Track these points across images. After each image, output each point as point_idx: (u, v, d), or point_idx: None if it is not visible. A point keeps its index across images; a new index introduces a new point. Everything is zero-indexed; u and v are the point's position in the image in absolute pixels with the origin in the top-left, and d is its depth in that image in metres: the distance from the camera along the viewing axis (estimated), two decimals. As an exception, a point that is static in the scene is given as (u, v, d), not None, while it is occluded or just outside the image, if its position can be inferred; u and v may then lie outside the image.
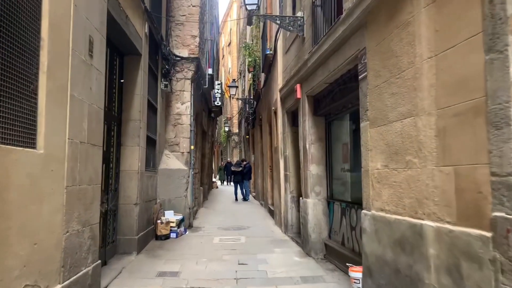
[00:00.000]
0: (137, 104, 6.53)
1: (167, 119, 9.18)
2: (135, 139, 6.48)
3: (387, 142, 3.61)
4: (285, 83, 7.89)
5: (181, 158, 9.13)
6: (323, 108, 6.23)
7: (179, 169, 8.87)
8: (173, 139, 9.18)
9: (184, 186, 8.92)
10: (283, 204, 8.35)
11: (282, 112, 8.48)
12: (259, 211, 12.12)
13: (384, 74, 3.65)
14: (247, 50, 13.98)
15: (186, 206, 8.97)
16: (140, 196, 6.61)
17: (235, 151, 29.47)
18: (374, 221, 3.84)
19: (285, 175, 8.32)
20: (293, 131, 8.14)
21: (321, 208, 6.36)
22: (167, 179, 8.61)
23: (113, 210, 6.14)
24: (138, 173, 6.47)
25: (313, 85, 6.09)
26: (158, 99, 8.34)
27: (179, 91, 9.26)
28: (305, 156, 6.54)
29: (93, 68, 4.25)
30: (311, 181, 6.38)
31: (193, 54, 9.38)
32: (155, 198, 8.16)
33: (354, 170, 5.58)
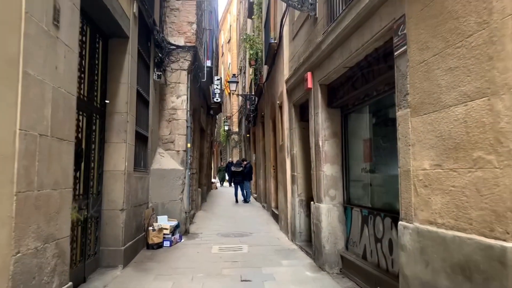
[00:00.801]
0: (124, 94, 5.65)
1: (161, 114, 8.30)
2: (121, 134, 5.60)
3: (440, 134, 2.73)
4: (293, 73, 7.02)
5: (177, 157, 8.26)
6: (339, 99, 5.35)
7: (174, 169, 8.00)
8: (168, 136, 8.30)
9: (179, 188, 8.05)
10: (290, 208, 7.47)
11: (289, 106, 7.61)
12: (261, 215, 11.24)
13: (435, 45, 2.78)
14: (248, 42, 13.11)
15: (182, 210, 8.10)
16: (127, 200, 5.73)
17: (235, 150, 28.59)
18: (418, 237, 2.97)
19: (292, 176, 7.44)
20: (301, 126, 7.27)
21: (337, 214, 5.49)
22: (160, 180, 7.73)
23: (95, 217, 5.27)
24: (125, 174, 5.59)
25: (328, 71, 5.22)
26: (150, 91, 7.46)
27: (174, 83, 8.39)
28: (318, 155, 5.67)
29: (59, 42, 3.38)
30: (324, 183, 5.51)
31: (190, 42, 8.50)
32: (147, 202, 7.28)
33: (380, 171, 4.71)
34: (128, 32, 5.69)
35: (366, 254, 4.78)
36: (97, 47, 5.29)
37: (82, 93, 4.73)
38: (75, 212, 4.57)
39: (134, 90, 6.01)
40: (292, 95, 7.39)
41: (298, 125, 7.28)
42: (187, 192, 8.39)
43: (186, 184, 8.34)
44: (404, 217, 3.23)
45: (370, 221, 4.69)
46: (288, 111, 7.68)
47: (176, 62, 8.38)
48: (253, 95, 15.12)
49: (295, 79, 6.89)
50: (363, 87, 4.59)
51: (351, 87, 4.94)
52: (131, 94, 5.78)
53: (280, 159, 8.63)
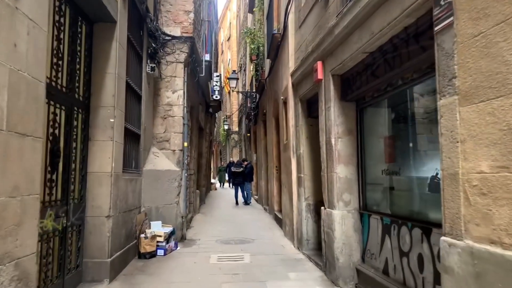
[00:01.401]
0: (110, 86, 5.00)
1: (156, 110, 7.65)
2: (107, 131, 4.95)
3: (508, 127, 2.09)
4: (299, 64, 6.37)
5: (172, 157, 7.61)
6: (354, 91, 4.70)
7: (169, 170, 7.35)
8: (163, 134, 7.65)
9: (175, 191, 7.40)
10: (296, 213, 6.82)
11: (295, 101, 6.96)
12: (263, 218, 10.59)
13: (500, 10, 2.14)
14: (249, 36, 12.46)
15: (178, 215, 7.45)
16: (115, 205, 5.08)
17: (235, 150, 27.93)
18: (473, 259, 2.32)
19: (298, 178, 6.79)
20: (308, 123, 6.63)
21: (352, 222, 4.84)
22: (154, 182, 7.08)
23: (77, 225, 4.62)
24: (112, 176, 4.94)
25: (342, 59, 4.57)
26: (143, 85, 6.81)
27: (170, 77, 7.74)
28: (330, 154, 5.03)
29: (20, 15, 2.72)
30: (338, 186, 4.86)
31: (187, 33, 7.86)
32: (139, 207, 6.63)
33: (405, 173, 4.06)
34: (116, 16, 5.03)
35: (388, 269, 4.13)
36: (80, 31, 4.63)
37: (59, 83, 4.08)
38: (50, 220, 3.93)
39: (122, 82, 5.35)
40: (298, 89, 6.73)
41: (305, 122, 6.63)
42: (184, 195, 7.74)
43: (182, 186, 7.69)
44: (449, 231, 2.58)
45: (393, 231, 4.04)
46: (293, 107, 7.03)
47: (172, 54, 7.73)
48: (254, 92, 14.47)
49: (302, 71, 6.24)
50: (386, 75, 3.94)
51: (370, 76, 4.29)
52: (118, 85, 5.13)
53: (284, 159, 7.99)
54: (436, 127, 2.71)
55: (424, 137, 3.85)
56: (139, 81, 6.71)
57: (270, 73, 10.20)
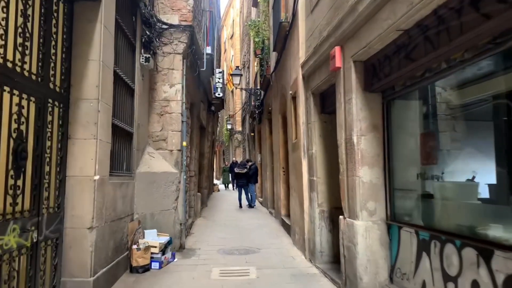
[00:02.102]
0: (93, 75, 4.28)
1: (151, 106, 6.93)
2: (89, 128, 4.22)
3: None
4: (312, 53, 5.63)
5: (170, 157, 6.88)
6: (382, 78, 3.95)
7: (166, 173, 6.62)
8: (159, 132, 6.93)
9: (173, 195, 6.67)
10: (308, 220, 6.08)
11: (306, 95, 6.21)
12: (269, 223, 9.85)
13: None
14: (254, 28, 11.73)
15: (176, 222, 6.72)
16: (100, 214, 4.36)
17: (238, 150, 27.19)
18: None
19: (310, 181, 6.05)
20: (322, 120, 5.88)
21: (377, 235, 4.09)
22: (149, 186, 6.35)
23: (52, 239, 3.90)
24: (95, 180, 4.21)
25: (368, 40, 3.83)
26: (136, 77, 6.09)
27: (167, 70, 7.01)
28: (350, 155, 4.28)
29: None
30: (361, 192, 4.12)
31: (186, 21, 7.13)
32: (131, 214, 5.90)
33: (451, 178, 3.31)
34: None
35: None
36: (56, 9, 3.91)
37: (27, 69, 3.37)
38: (13, 236, 3.22)
39: (109, 72, 4.62)
40: (310, 81, 5.99)
41: (318, 118, 5.89)
42: (183, 199, 7.01)
43: (181, 190, 6.97)
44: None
45: (434, 248, 3.29)
46: (304, 101, 6.28)
47: (169, 44, 7.00)
48: (258, 89, 13.73)
49: (314, 60, 5.49)
50: (425, 57, 3.19)
51: (403, 60, 3.54)
52: (104, 75, 4.40)
53: (293, 160, 7.24)
54: (493, 121, 1.97)
55: (476, 134, 3.11)
56: (132, 73, 5.99)
57: (276, 67, 9.46)
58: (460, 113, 3.46)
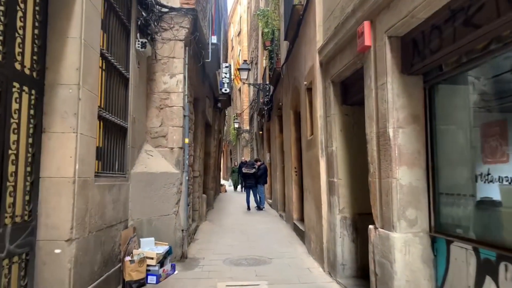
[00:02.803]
0: (73, 56, 3.56)
1: (149, 99, 6.21)
2: (68, 120, 3.51)
3: None
4: (332, 35, 4.85)
5: (170, 156, 6.15)
6: (428, 56, 3.17)
7: (166, 173, 5.90)
8: (158, 128, 6.20)
9: (173, 198, 5.95)
10: (327, 228, 5.31)
11: (324, 85, 5.45)
12: (280, 228, 9.08)
13: None
14: (263, 18, 10.97)
15: (177, 228, 6.00)
16: (82, 223, 3.64)
17: (246, 150, 26.45)
18: None
19: (329, 183, 5.27)
20: (343, 112, 5.11)
21: (419, 250, 3.32)
22: (146, 188, 5.63)
23: (19, 255, 3.18)
24: (75, 182, 3.50)
25: (410, 8, 3.05)
26: (130, 64, 5.37)
27: (167, 58, 6.29)
28: (385, 151, 3.51)
29: None
30: (398, 198, 3.34)
31: (188, 4, 6.40)
32: (124, 220, 5.18)
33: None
34: (82, -42, 3.59)
35: (492, 331, 2.60)
36: (25, -26, 3.20)
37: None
38: (-41, 256, 2.50)
39: (93, 53, 3.90)
40: (329, 68, 5.22)
41: (338, 111, 5.11)
42: (185, 202, 6.28)
43: (183, 192, 6.24)
44: None
45: (504, 273, 2.50)
46: (322, 92, 5.51)
47: (169, 30, 6.28)
48: (267, 84, 12.97)
49: (335, 43, 4.72)
50: (499, 19, 2.41)
51: (460, 28, 2.75)
52: (86, 56, 3.68)
53: (308, 159, 6.47)
54: None
55: None
56: (126, 59, 5.28)
57: (287, 58, 8.69)
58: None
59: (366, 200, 4.06)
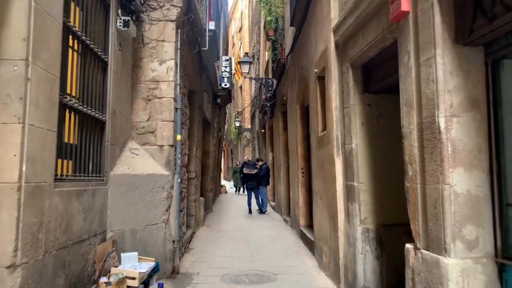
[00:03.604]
0: (19, 22, 2.70)
1: (135, 89, 5.35)
2: (11, 106, 2.65)
3: None
4: (351, 9, 3.97)
5: (159, 155, 5.30)
6: (498, 16, 2.31)
7: (154, 175, 5.04)
8: (145, 123, 5.35)
9: (163, 204, 5.09)
10: (344, 241, 4.44)
11: (341, 69, 4.58)
12: (285, 236, 8.21)
13: None
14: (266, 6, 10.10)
15: (167, 239, 5.15)
16: (33, 242, 2.78)
17: (247, 149, 25.59)
18: None
19: (348, 188, 4.40)
20: (365, 102, 4.24)
21: (482, 282, 2.45)
22: (129, 193, 4.77)
23: None
24: (21, 188, 2.64)
25: None
26: (110, 46, 4.51)
27: (156, 42, 5.43)
28: (432, 148, 2.64)
29: None
30: (452, 210, 2.48)
31: (180, -21, 5.54)
32: (101, 232, 4.31)
33: None
34: None
35: None
36: None
37: None
38: None
39: (52, 23, 3.03)
40: (347, 49, 4.35)
41: (359, 100, 4.25)
42: (177, 209, 5.42)
43: (174, 196, 5.38)
44: None
45: None
46: (338, 79, 4.64)
47: (159, 9, 5.42)
48: (270, 78, 12.10)
49: (356, 17, 3.85)
50: None
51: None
52: (39, 24, 2.82)
53: (319, 158, 5.61)
54: None
55: None
56: (104, 40, 4.42)
57: (293, 47, 7.83)
58: None
59: (394, 207, 3.24)
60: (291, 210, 8.97)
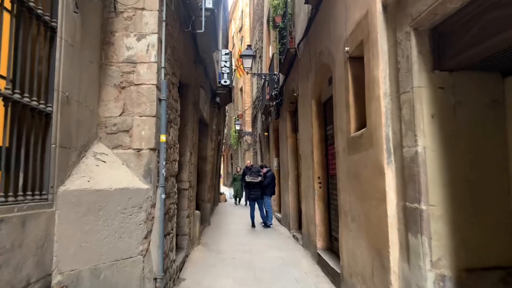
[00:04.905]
0: None
1: (104, 72, 3.96)
2: None
3: None
4: None
5: (136, 162, 3.90)
6: None
7: (126, 190, 3.65)
8: (118, 118, 3.95)
9: (141, 230, 3.69)
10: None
11: (393, 40, 3.17)
12: (297, 258, 6.78)
13: None
14: (272, -12, 8.76)
15: (147, 278, 3.74)
16: None
17: (248, 154, 24.17)
18: None
19: (406, 211, 2.98)
20: (436, 83, 2.84)
21: None
22: (90, 216, 3.37)
23: None
24: None
25: None
26: (59, 7, 3.13)
27: (133, 10, 4.06)
28: None
29: None
30: None
31: None
32: (41, 278, 2.88)
33: None
34: None
35: None
36: None
37: None
38: None
39: None
40: (405, 7, 2.95)
41: (428, 82, 2.85)
42: (160, 233, 4.01)
43: (157, 218, 3.98)
44: None
45: None
46: (388, 53, 3.25)
47: (137, -33, 4.05)
48: (275, 74, 10.72)
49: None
50: None
51: None
52: None
53: (352, 166, 4.21)
54: None
55: None
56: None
57: (308, 30, 6.45)
58: None
59: (485, 243, 1.92)
60: (303, 227, 7.55)
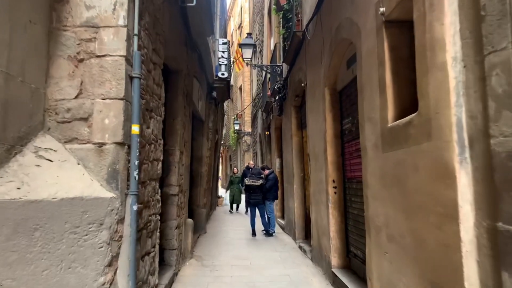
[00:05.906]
0: None
1: (54, 40, 2.91)
2: None
3: None
4: None
5: (97, 161, 2.85)
6: None
7: (79, 200, 2.59)
8: (72, 102, 2.90)
9: (101, 255, 2.64)
10: None
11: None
12: (307, 278, 5.72)
13: None
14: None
15: (109, 321, 2.67)
16: None
17: (247, 155, 23.12)
18: None
19: (491, 236, 1.94)
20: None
21: None
22: (19, 239, 2.31)
23: None
24: None
25: None
26: None
27: (95, -44, 3.01)
28: None
29: None
30: None
31: None
32: None
33: None
34: None
35: None
36: None
37: None
38: None
39: None
40: None
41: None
42: (132, 257, 2.96)
43: (126, 237, 2.93)
44: None
45: None
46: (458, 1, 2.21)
47: None
48: (279, 65, 9.67)
49: None
50: None
51: None
52: None
53: (389, 167, 3.16)
54: None
55: None
56: None
57: (321, 5, 5.41)
58: None
59: None
60: (313, 238, 6.49)
